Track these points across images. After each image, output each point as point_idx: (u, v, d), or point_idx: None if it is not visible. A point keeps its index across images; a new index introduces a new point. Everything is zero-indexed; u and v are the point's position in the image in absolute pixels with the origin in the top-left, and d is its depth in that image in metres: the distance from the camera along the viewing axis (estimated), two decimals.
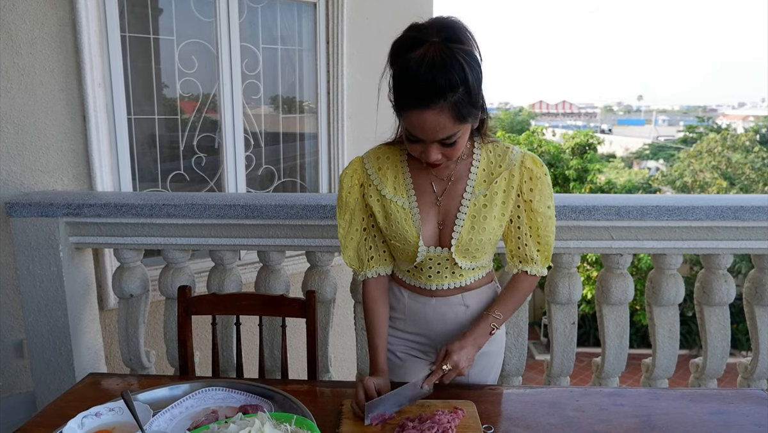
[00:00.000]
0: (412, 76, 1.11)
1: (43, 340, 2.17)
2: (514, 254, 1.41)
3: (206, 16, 3.03)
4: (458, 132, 1.17)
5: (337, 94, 3.56)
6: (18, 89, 2.41)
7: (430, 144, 1.19)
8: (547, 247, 1.38)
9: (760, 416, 1.29)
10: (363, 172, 1.39)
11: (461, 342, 1.29)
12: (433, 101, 1.11)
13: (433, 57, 1.10)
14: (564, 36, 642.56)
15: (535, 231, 1.36)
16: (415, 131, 1.17)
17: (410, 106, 1.14)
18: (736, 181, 15.53)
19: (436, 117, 1.13)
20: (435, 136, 1.17)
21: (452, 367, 1.26)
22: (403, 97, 1.15)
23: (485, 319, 1.35)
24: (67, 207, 2.06)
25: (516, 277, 1.42)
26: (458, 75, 1.10)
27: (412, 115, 1.15)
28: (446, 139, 1.18)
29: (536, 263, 1.39)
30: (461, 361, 1.27)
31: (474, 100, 1.15)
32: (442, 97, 1.11)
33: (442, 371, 1.26)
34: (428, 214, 1.35)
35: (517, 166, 1.32)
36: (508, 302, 1.39)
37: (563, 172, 13.75)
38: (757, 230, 2.02)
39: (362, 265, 1.44)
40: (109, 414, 1.15)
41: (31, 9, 2.38)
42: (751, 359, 2.23)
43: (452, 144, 1.19)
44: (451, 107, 1.12)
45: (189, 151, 3.13)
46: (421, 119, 1.14)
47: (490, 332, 1.34)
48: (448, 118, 1.13)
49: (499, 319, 1.36)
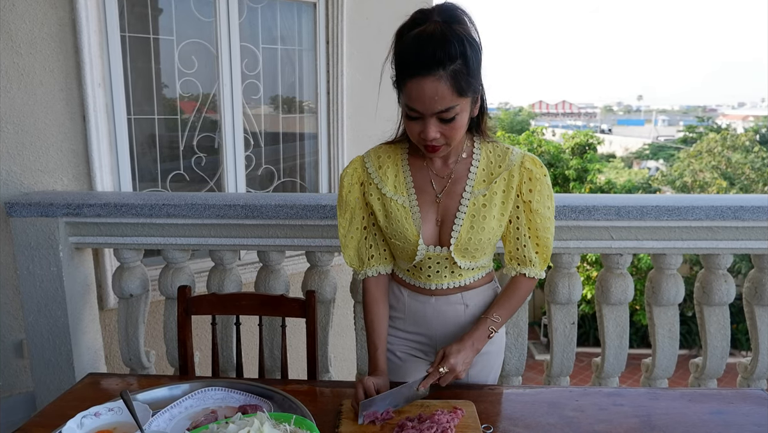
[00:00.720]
0: (412, 46, 1.15)
1: (43, 340, 2.17)
2: (513, 255, 1.41)
3: (206, 16, 3.03)
4: (456, 106, 1.17)
5: (337, 94, 3.56)
6: (18, 89, 2.41)
7: (428, 119, 1.19)
8: (545, 249, 1.38)
9: (759, 416, 1.29)
10: (363, 171, 1.39)
11: (459, 345, 1.29)
12: (432, 69, 1.13)
13: (433, 31, 1.14)
14: (564, 36, 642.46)
15: (534, 232, 1.36)
16: (414, 103, 1.18)
17: (410, 75, 1.16)
18: (735, 181, 15.53)
19: (435, 85, 1.14)
20: (433, 107, 1.17)
21: (449, 370, 1.26)
22: (403, 67, 1.17)
23: (483, 322, 1.35)
24: (67, 207, 2.06)
25: (514, 279, 1.41)
26: (457, 47, 1.13)
27: (412, 85, 1.16)
28: (444, 113, 1.17)
29: (534, 265, 1.39)
30: (458, 364, 1.26)
31: (473, 74, 1.17)
32: (440, 65, 1.12)
33: (439, 373, 1.26)
34: (428, 213, 1.35)
35: (516, 167, 1.32)
36: (506, 305, 1.39)
37: (563, 172, 13.75)
38: (756, 230, 2.02)
39: (362, 264, 1.44)
40: (108, 414, 1.14)
41: (30, 9, 2.38)
42: (750, 359, 2.23)
43: (450, 120, 1.19)
44: (449, 77, 1.14)
45: (189, 151, 3.13)
46: (420, 88, 1.15)
47: (488, 336, 1.34)
48: (447, 87, 1.14)
49: (498, 322, 1.35)
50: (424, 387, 1.26)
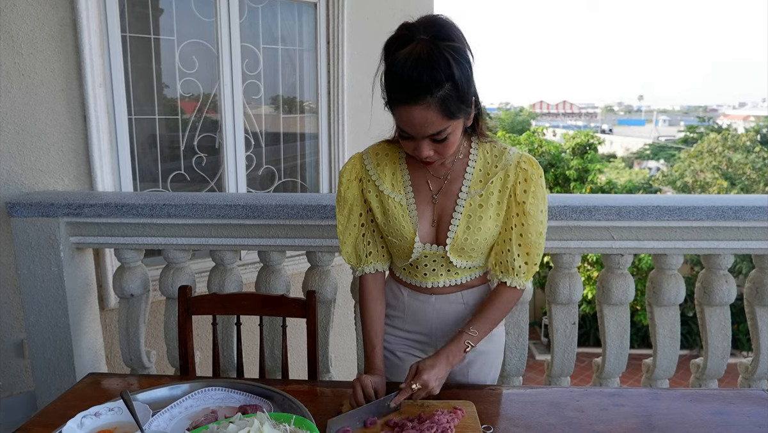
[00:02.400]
0: (398, 73, 1.13)
1: (44, 340, 2.17)
2: (497, 259, 1.37)
3: (207, 16, 3.03)
4: (448, 128, 1.18)
5: (338, 94, 3.56)
6: (19, 89, 2.41)
7: (421, 140, 1.20)
8: (534, 255, 1.34)
9: (760, 416, 1.28)
10: (362, 167, 1.39)
11: (433, 361, 1.26)
12: (419, 97, 1.12)
13: (419, 54, 1.11)
14: (564, 36, 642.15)
15: (525, 237, 1.32)
16: (405, 127, 1.19)
17: (398, 102, 1.16)
18: (736, 182, 15.52)
19: (424, 113, 1.14)
20: (424, 132, 1.17)
21: (422, 386, 1.23)
22: (392, 94, 1.17)
23: (459, 337, 1.31)
24: (68, 207, 2.06)
25: (496, 290, 1.38)
26: (444, 71, 1.11)
27: (401, 111, 1.16)
28: (436, 135, 1.18)
29: (518, 274, 1.34)
30: (431, 381, 1.23)
31: (462, 96, 1.15)
32: (428, 93, 1.11)
33: (411, 389, 1.23)
34: (424, 212, 1.36)
35: (512, 167, 1.31)
36: (485, 318, 1.34)
37: (564, 173, 13.74)
38: (757, 230, 2.02)
39: (360, 261, 1.44)
40: (108, 414, 1.15)
41: (31, 9, 2.39)
42: (751, 359, 2.23)
43: (443, 140, 1.19)
44: (438, 103, 1.13)
45: (189, 151, 3.13)
46: (410, 115, 1.15)
47: (464, 350, 1.31)
48: (436, 114, 1.14)
49: (475, 336, 1.32)
50: (396, 403, 1.23)
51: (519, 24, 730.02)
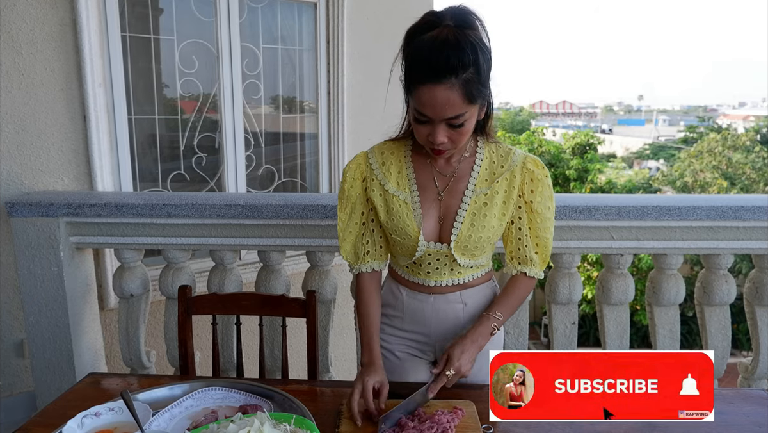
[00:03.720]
0: (425, 52, 1.15)
1: (44, 340, 2.17)
2: (514, 255, 1.41)
3: (206, 16, 3.03)
4: (466, 113, 1.19)
5: (338, 94, 3.56)
6: (18, 89, 2.41)
7: (438, 124, 1.20)
8: (545, 249, 1.39)
9: (760, 416, 1.28)
10: (367, 166, 1.40)
11: (462, 346, 1.29)
12: (444, 77, 1.14)
13: (447, 37, 1.14)
14: (564, 36, 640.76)
15: (535, 232, 1.37)
16: (425, 109, 1.18)
17: (422, 81, 1.16)
18: (736, 181, 15.54)
19: (447, 93, 1.15)
20: (444, 114, 1.18)
21: (455, 372, 1.27)
22: (416, 73, 1.17)
23: (486, 319, 1.35)
24: (68, 207, 2.06)
25: (514, 278, 1.42)
26: (470, 55, 1.14)
27: (423, 91, 1.16)
28: (454, 119, 1.18)
29: (534, 264, 1.40)
30: (463, 366, 1.27)
31: (483, 81, 1.18)
32: (453, 74, 1.13)
33: (446, 376, 1.26)
34: (429, 210, 1.36)
35: (518, 168, 1.34)
36: (507, 303, 1.39)
37: (563, 172, 13.75)
38: (757, 230, 2.02)
39: (357, 259, 1.45)
40: (108, 414, 1.15)
41: (31, 9, 2.38)
42: (751, 359, 2.23)
43: (459, 126, 1.20)
44: (461, 85, 1.15)
45: (189, 151, 3.13)
46: (432, 95, 1.16)
47: (491, 333, 1.35)
48: (458, 96, 1.15)
49: (500, 319, 1.36)
50: (433, 392, 1.26)
51: (519, 24, 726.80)
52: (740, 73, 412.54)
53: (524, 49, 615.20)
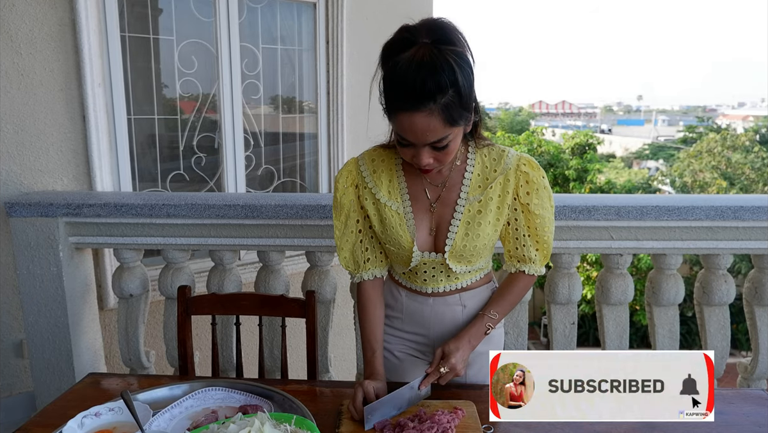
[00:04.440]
0: (401, 78, 1.10)
1: (43, 340, 2.17)
2: (512, 254, 1.40)
3: (206, 16, 3.03)
4: (449, 135, 1.16)
5: (337, 94, 3.56)
6: (18, 89, 2.41)
7: (421, 148, 1.17)
8: (545, 246, 1.37)
9: (760, 416, 1.29)
10: (358, 173, 1.38)
11: (457, 343, 1.29)
12: (422, 104, 1.10)
13: (423, 58, 1.09)
14: (564, 36, 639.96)
15: (534, 231, 1.35)
16: (406, 134, 1.16)
17: (400, 109, 1.13)
18: (735, 181, 15.55)
19: (426, 120, 1.11)
20: (425, 140, 1.15)
21: (449, 369, 1.26)
22: (393, 100, 1.14)
23: (480, 319, 1.34)
24: (67, 207, 2.06)
25: (513, 276, 1.41)
26: (448, 77, 1.09)
27: (402, 118, 1.13)
28: (437, 142, 1.16)
29: (534, 262, 1.38)
30: (458, 363, 1.26)
31: (465, 103, 1.14)
32: (431, 100, 1.09)
33: (439, 373, 1.26)
34: (422, 220, 1.35)
35: (512, 171, 1.31)
36: (503, 302, 1.38)
37: (563, 173, 13.77)
38: (756, 230, 2.02)
39: (358, 267, 1.43)
40: (108, 414, 1.15)
41: (30, 9, 2.38)
42: (751, 359, 2.23)
43: (443, 148, 1.18)
44: (441, 110, 1.11)
45: (189, 151, 3.12)
46: (411, 122, 1.12)
47: (485, 332, 1.34)
48: (438, 121, 1.12)
49: (495, 319, 1.35)
50: (425, 387, 1.26)
51: (518, 24, 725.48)
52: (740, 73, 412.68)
53: (524, 49, 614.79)
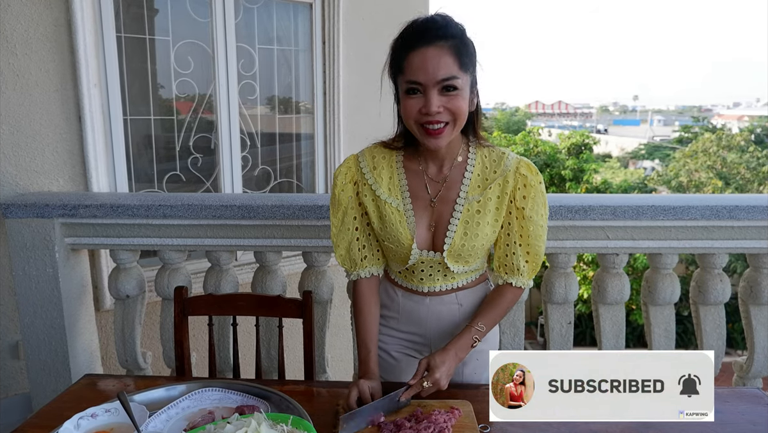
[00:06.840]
0: (413, 24, 1.22)
1: (39, 341, 2.16)
2: (501, 262, 1.39)
3: (202, 16, 3.02)
4: (459, 79, 1.19)
5: (333, 95, 3.56)
6: (13, 90, 2.40)
7: (431, 91, 1.19)
8: (535, 257, 1.36)
9: (755, 414, 1.29)
10: (357, 170, 1.38)
11: (443, 356, 1.27)
12: (435, 40, 1.18)
13: (434, 17, 1.22)
14: (560, 36, 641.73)
15: (525, 240, 1.34)
16: (417, 74, 1.19)
17: (413, 47, 1.19)
18: (731, 181, 15.60)
19: (438, 52, 1.18)
20: (436, 74, 1.18)
21: (433, 384, 1.24)
22: (405, 41, 1.21)
23: (467, 331, 1.33)
24: (63, 208, 2.05)
25: (500, 288, 1.40)
26: (457, 28, 1.21)
27: (413, 56, 1.19)
28: (447, 81, 1.18)
29: (522, 274, 1.37)
30: (442, 379, 1.25)
31: (470, 55, 1.22)
32: (443, 38, 1.18)
33: (422, 386, 1.24)
34: (422, 218, 1.35)
35: (512, 173, 1.32)
36: (490, 314, 1.37)
37: (559, 173, 13.79)
38: (752, 230, 2.03)
39: (355, 265, 1.43)
40: (105, 415, 1.14)
41: (26, 9, 2.38)
42: (746, 358, 2.24)
43: (453, 90, 1.19)
44: (451, 47, 1.18)
45: (185, 151, 3.12)
46: (423, 57, 1.18)
47: (472, 345, 1.33)
48: (450, 56, 1.18)
49: (482, 331, 1.34)
50: (406, 398, 1.25)
51: (515, 24, 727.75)
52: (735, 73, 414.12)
53: (520, 50, 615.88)
